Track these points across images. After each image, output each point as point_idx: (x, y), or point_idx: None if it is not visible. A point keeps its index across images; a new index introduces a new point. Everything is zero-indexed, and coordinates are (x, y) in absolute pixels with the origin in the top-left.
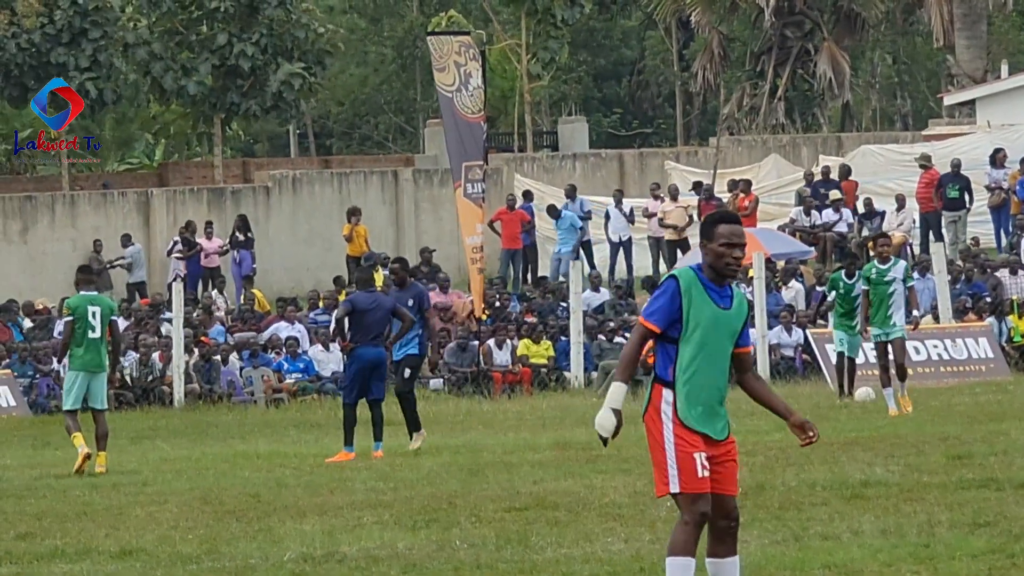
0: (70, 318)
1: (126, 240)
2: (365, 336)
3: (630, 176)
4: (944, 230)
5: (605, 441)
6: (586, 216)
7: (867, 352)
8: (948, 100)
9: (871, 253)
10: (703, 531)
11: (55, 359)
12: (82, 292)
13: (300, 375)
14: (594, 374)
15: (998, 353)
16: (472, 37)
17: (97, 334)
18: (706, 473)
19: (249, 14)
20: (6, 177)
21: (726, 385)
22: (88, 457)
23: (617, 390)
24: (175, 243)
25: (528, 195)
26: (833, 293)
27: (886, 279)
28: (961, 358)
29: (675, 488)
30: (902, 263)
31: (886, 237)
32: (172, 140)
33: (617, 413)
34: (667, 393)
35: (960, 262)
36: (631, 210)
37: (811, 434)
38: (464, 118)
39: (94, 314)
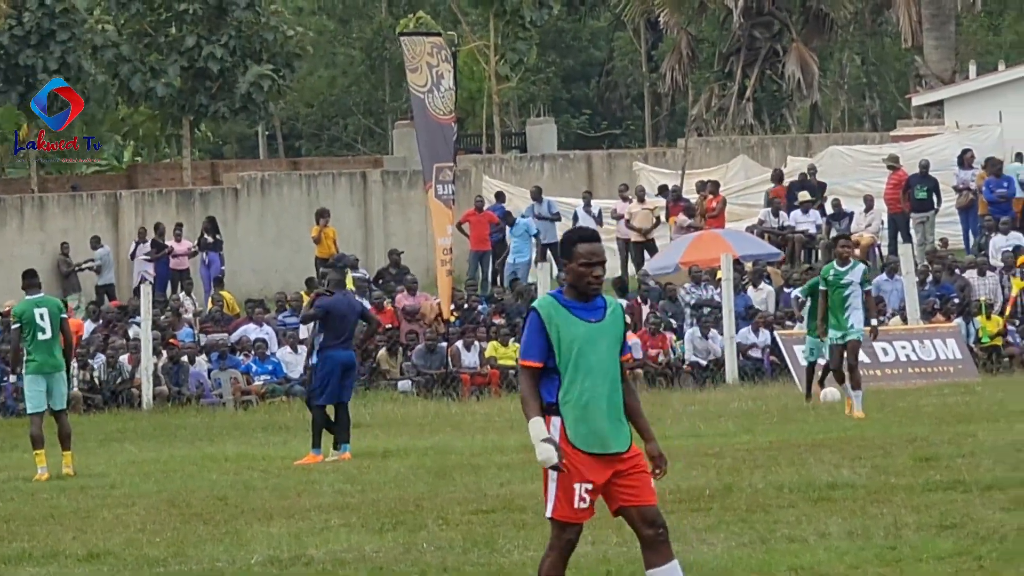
0: (17, 325)
1: (95, 242)
2: (336, 339)
3: (599, 177)
4: (912, 231)
5: (557, 467)
6: (555, 217)
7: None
8: (916, 101)
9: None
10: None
11: (10, 370)
12: (27, 297)
13: (268, 377)
14: None
15: (966, 354)
16: (443, 38)
17: (48, 335)
18: (583, 505)
19: (218, 16)
20: None
21: (619, 396)
22: (48, 478)
23: (536, 424)
24: (136, 245)
25: (500, 196)
26: (810, 301)
27: (843, 281)
28: (929, 359)
29: (549, 513)
30: (861, 267)
31: (847, 239)
32: (141, 142)
33: (550, 440)
34: (555, 420)
35: (928, 263)
36: (599, 212)
37: (657, 471)
38: (435, 119)
39: (42, 316)
